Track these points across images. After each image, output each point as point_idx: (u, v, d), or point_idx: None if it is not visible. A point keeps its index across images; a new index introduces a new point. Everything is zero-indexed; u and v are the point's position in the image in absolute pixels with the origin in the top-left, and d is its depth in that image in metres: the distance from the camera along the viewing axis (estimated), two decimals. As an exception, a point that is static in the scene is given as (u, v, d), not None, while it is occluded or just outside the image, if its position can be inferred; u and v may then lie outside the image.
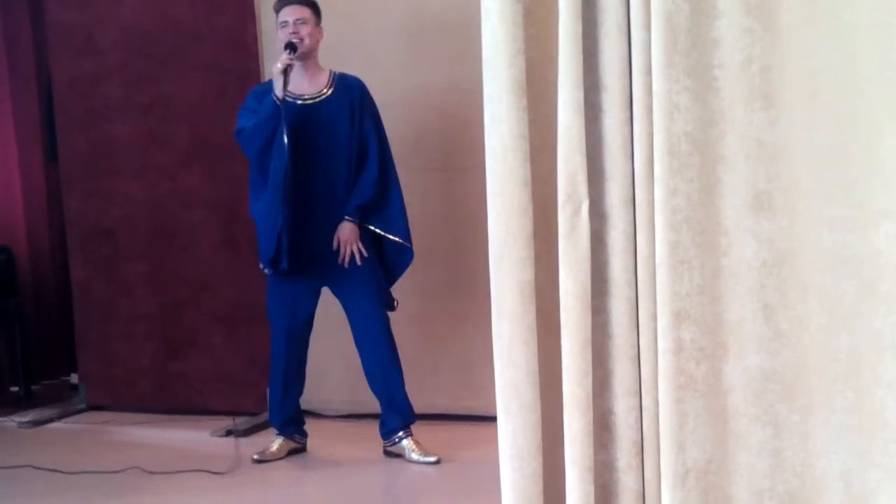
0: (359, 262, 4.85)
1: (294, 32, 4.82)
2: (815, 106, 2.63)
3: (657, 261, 2.72)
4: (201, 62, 5.96)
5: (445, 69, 5.51)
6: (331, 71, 4.97)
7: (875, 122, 2.57)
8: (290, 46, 4.77)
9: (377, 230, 4.91)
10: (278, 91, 4.72)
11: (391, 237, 4.92)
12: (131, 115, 6.13)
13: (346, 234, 4.84)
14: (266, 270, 4.95)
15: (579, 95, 2.75)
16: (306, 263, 4.87)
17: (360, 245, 4.85)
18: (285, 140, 4.72)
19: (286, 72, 4.73)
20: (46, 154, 7.08)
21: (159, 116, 6.08)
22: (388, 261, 5.03)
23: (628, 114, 2.78)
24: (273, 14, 4.95)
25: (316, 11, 4.92)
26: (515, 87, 2.80)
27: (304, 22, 4.84)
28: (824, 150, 2.63)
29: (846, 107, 2.60)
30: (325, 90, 4.91)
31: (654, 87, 2.69)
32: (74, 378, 6.76)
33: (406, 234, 4.93)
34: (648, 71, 2.71)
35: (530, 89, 2.82)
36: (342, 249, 4.84)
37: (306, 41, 4.84)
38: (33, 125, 7.16)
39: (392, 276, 5.08)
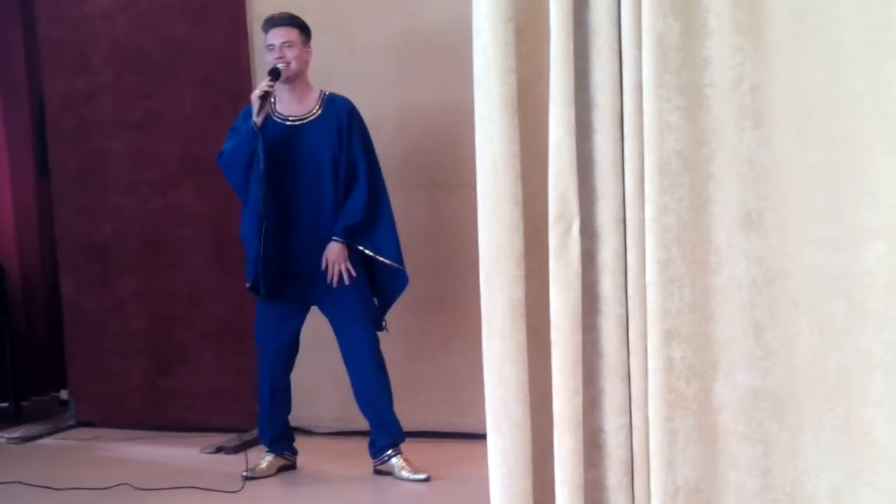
0: (347, 282, 4.84)
1: (280, 57, 4.82)
2: (806, 124, 2.64)
3: (647, 279, 2.73)
4: (193, 79, 5.97)
5: (436, 88, 5.53)
6: (321, 91, 4.96)
7: (865, 141, 2.57)
8: (274, 73, 4.79)
9: (366, 251, 4.88)
10: (255, 117, 4.73)
11: (380, 258, 4.90)
12: (123, 131, 6.14)
13: (335, 255, 4.83)
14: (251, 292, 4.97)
15: (570, 114, 2.76)
16: (294, 284, 4.88)
17: (349, 265, 4.84)
18: (262, 166, 4.73)
19: (264, 98, 4.74)
20: (38, 169, 7.08)
21: (151, 133, 6.08)
22: (382, 284, 5.01)
23: (619, 132, 2.79)
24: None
25: (304, 31, 4.89)
26: (507, 105, 2.80)
27: (290, 45, 4.83)
28: (815, 169, 2.64)
29: (837, 125, 2.61)
30: (313, 111, 4.91)
31: (645, 106, 2.70)
32: (64, 394, 6.75)
33: (396, 256, 4.90)
34: (639, 90, 2.72)
35: (522, 108, 2.83)
36: (330, 269, 4.83)
37: (292, 65, 4.83)
38: (25, 140, 7.16)
39: (386, 301, 5.05)
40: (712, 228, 2.73)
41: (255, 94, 4.75)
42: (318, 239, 4.86)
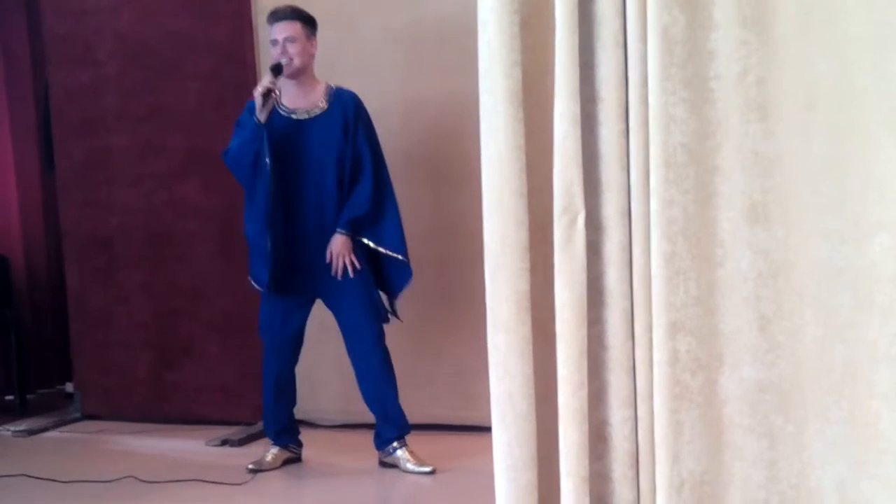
0: (351, 275, 4.83)
1: (283, 52, 4.79)
2: (811, 117, 2.64)
3: (653, 272, 2.73)
4: (198, 73, 5.97)
5: (442, 81, 5.51)
6: (327, 84, 4.94)
7: (871, 134, 2.57)
8: (276, 69, 4.76)
9: (370, 243, 4.87)
10: (259, 114, 4.72)
11: (383, 250, 4.89)
12: (128, 124, 6.14)
13: (339, 247, 4.82)
14: (255, 286, 4.96)
15: (576, 107, 2.76)
16: (299, 277, 4.88)
17: (353, 257, 4.84)
18: (267, 161, 4.72)
19: (267, 95, 4.72)
20: (43, 163, 7.08)
21: (156, 126, 6.08)
22: (388, 277, 4.99)
23: (624, 125, 2.79)
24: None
25: (308, 24, 4.85)
26: (512, 98, 2.80)
27: (293, 40, 4.79)
28: (820, 162, 2.64)
29: (842, 118, 2.61)
30: (319, 104, 4.89)
31: (651, 99, 2.70)
32: (69, 387, 6.75)
33: (401, 248, 4.89)
34: (645, 83, 2.72)
35: (527, 100, 2.83)
36: (334, 262, 4.82)
37: (295, 61, 4.80)
38: (30, 134, 7.17)
39: (392, 293, 5.04)
40: (717, 221, 2.73)
41: (258, 92, 4.73)
42: (324, 232, 4.85)
